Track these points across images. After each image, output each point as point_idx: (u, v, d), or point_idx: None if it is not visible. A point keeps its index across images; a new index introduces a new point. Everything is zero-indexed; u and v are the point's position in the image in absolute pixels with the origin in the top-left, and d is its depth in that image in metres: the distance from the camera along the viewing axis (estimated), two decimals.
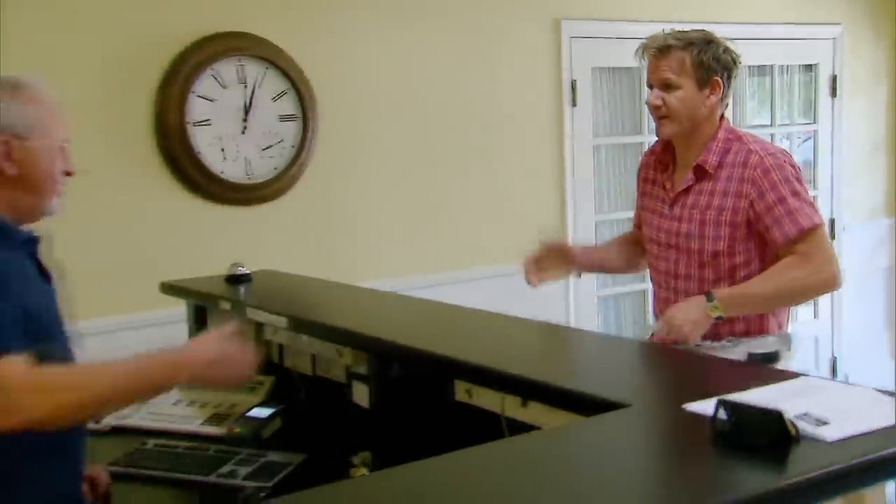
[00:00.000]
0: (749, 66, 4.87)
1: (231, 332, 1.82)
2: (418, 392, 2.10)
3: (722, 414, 1.35)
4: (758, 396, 1.42)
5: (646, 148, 4.44)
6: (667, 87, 2.41)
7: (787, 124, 5.08)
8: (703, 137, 2.45)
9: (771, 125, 5.01)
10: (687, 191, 2.46)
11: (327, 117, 3.63)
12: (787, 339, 2.42)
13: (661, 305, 2.49)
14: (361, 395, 2.25)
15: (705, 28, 2.54)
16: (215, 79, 3.40)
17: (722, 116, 2.49)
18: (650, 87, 2.47)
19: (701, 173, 2.43)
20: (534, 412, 1.77)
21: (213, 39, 3.37)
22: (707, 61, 2.40)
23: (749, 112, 4.98)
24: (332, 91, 3.64)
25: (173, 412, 2.51)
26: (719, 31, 4.75)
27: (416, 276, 3.74)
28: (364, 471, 2.20)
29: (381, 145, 3.79)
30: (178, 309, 2.96)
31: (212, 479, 2.13)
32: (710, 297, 2.30)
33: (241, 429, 2.37)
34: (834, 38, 5.09)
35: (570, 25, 4.18)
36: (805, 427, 1.32)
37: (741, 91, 4.82)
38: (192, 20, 3.37)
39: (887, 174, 5.36)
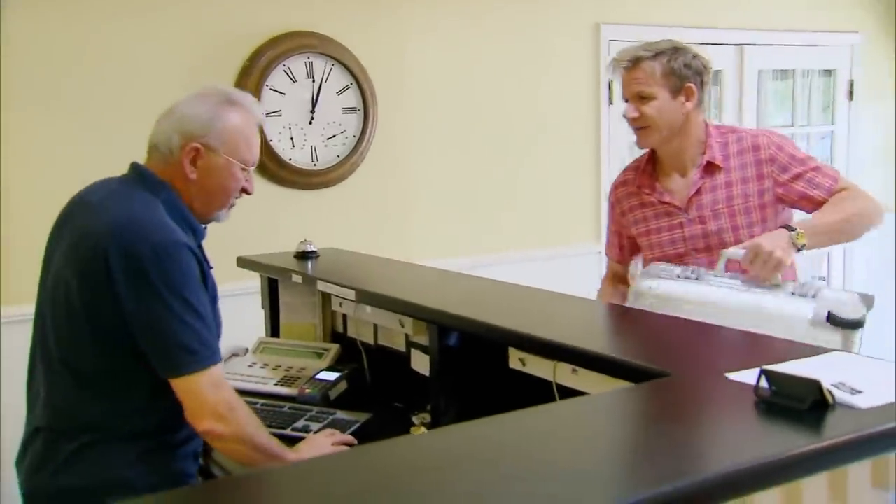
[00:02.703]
0: (773, 71, 4.85)
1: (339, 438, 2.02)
2: (474, 360, 2.11)
3: (764, 382, 1.37)
4: (795, 368, 1.43)
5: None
6: (641, 98, 2.30)
7: (805, 125, 5.05)
8: (694, 141, 2.35)
9: (791, 125, 4.98)
10: (698, 192, 2.34)
11: (385, 110, 3.68)
12: (871, 300, 2.02)
13: None
14: (421, 363, 2.28)
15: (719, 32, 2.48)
16: (287, 73, 3.45)
17: (704, 121, 2.38)
18: (626, 100, 2.35)
19: (711, 169, 2.33)
20: (583, 379, 1.77)
21: (285, 37, 3.43)
22: (678, 68, 2.28)
23: (770, 113, 4.95)
24: (390, 87, 3.69)
25: (249, 373, 2.56)
26: (747, 38, 4.76)
27: (462, 257, 3.77)
28: (423, 430, 2.24)
29: (433, 137, 3.83)
30: (252, 282, 3.01)
31: (288, 431, 2.19)
32: (790, 228, 2.13)
33: (311, 390, 2.41)
34: (852, 46, 5.05)
35: (609, 30, 4.19)
36: (840, 395, 1.33)
37: (764, 93, 4.79)
38: (267, 20, 3.43)
39: None
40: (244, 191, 1.90)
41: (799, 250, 2.12)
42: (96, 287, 1.71)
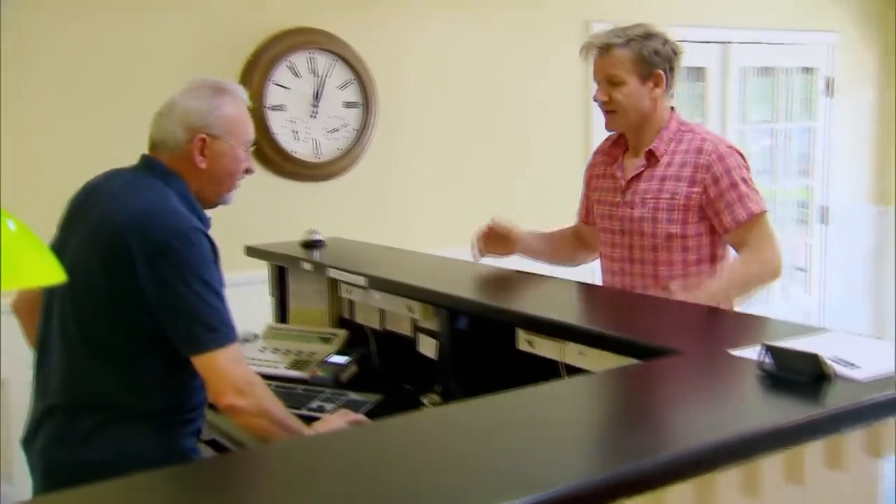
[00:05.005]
0: (756, 68, 4.94)
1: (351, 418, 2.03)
2: (482, 343, 2.16)
3: (766, 357, 1.45)
4: (793, 343, 1.50)
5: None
6: (611, 82, 2.34)
7: (786, 120, 5.14)
8: (655, 127, 2.38)
9: (773, 121, 5.08)
10: (638, 177, 2.38)
11: (385, 104, 3.73)
12: None
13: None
14: (428, 347, 2.34)
15: (720, 31, 2.52)
16: (290, 69, 3.49)
17: (672, 109, 2.42)
18: (596, 82, 2.39)
19: (652, 159, 2.37)
20: (591, 359, 1.82)
21: (289, 34, 3.47)
22: (648, 55, 2.32)
23: (753, 110, 5.04)
24: (389, 81, 3.74)
25: (261, 357, 2.61)
26: (729, 36, 4.81)
27: (463, 247, 3.78)
28: None
29: (432, 130, 3.89)
30: (256, 273, 3.04)
31: (303, 412, 2.23)
32: (666, 290, 2.24)
33: (322, 373, 2.46)
34: (830, 45, 5.15)
35: (599, 28, 4.23)
36: (838, 368, 1.41)
37: (744, 89, 4.87)
38: (271, 17, 3.47)
39: (872, 166, 5.43)
40: (247, 171, 2.00)
41: None
42: (119, 272, 1.78)
